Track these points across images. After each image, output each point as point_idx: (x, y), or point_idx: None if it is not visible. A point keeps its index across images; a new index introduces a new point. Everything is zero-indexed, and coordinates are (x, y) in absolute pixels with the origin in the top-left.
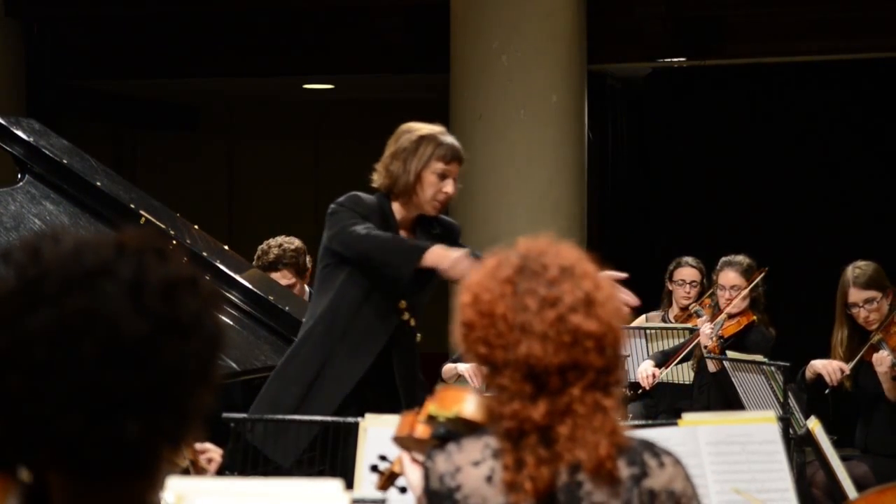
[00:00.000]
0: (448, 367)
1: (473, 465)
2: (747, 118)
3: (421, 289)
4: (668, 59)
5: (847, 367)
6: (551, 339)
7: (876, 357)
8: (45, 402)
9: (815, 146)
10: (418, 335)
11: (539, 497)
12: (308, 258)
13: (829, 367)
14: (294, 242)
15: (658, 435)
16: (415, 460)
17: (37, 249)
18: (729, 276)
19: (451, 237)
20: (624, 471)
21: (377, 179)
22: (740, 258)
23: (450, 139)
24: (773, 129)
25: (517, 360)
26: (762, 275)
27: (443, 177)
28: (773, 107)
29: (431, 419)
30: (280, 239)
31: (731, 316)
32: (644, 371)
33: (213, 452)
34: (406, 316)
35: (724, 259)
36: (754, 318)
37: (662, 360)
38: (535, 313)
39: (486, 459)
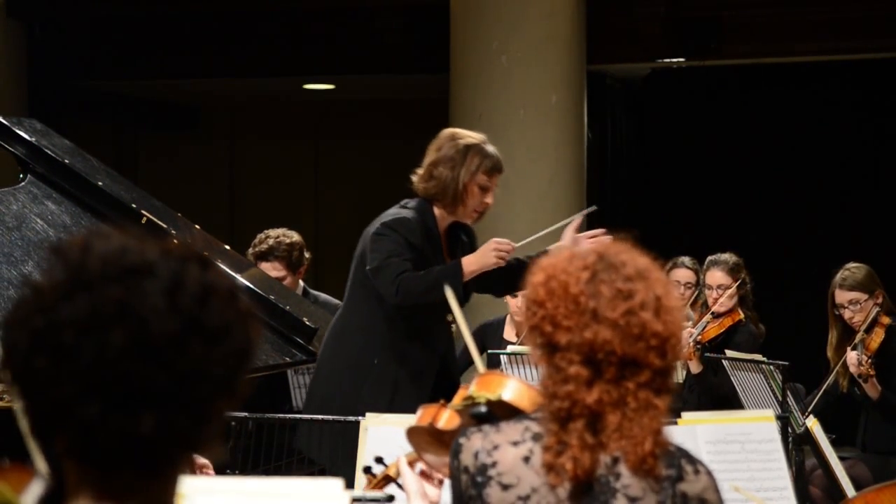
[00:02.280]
0: None
1: (512, 444)
2: (746, 119)
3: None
4: (668, 60)
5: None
6: (620, 328)
7: (848, 357)
8: (65, 385)
9: (813, 146)
10: None
11: (576, 481)
12: (306, 254)
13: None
14: (292, 237)
15: None
16: (413, 465)
17: (86, 245)
18: (716, 276)
19: (472, 243)
20: (663, 471)
21: (419, 185)
22: (726, 256)
23: (493, 150)
24: (772, 130)
25: (581, 343)
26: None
27: (485, 188)
28: (771, 107)
29: (469, 401)
30: (279, 231)
31: (717, 316)
32: None
33: (209, 469)
34: (454, 328)
35: (710, 258)
36: (741, 317)
37: None
38: (608, 301)
39: (526, 441)
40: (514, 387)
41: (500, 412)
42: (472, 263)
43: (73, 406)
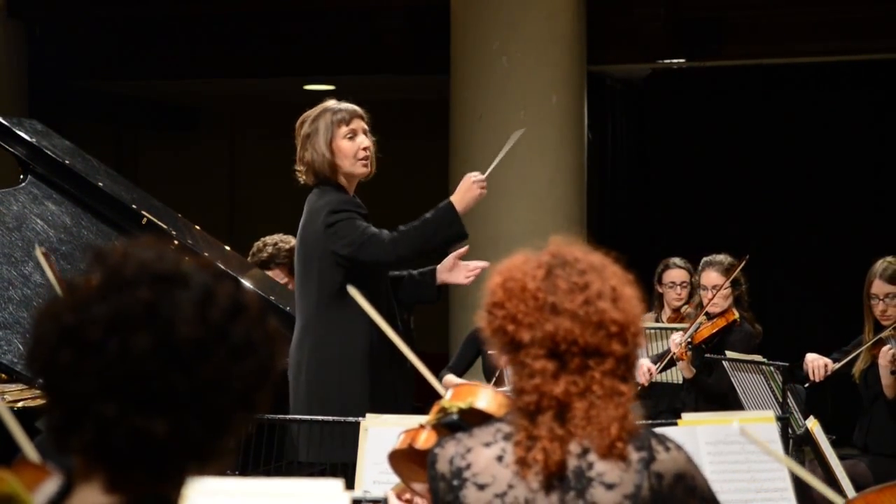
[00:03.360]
0: (449, 380)
1: (485, 445)
2: (746, 119)
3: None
4: (668, 61)
5: (833, 366)
6: (580, 318)
7: (881, 351)
8: (86, 381)
9: (813, 147)
10: None
11: (549, 474)
12: None
13: (815, 363)
14: (289, 242)
15: None
16: (401, 497)
17: (126, 252)
18: (710, 276)
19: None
20: (633, 454)
21: (305, 178)
22: (721, 257)
23: (338, 104)
24: (772, 130)
25: (544, 337)
26: (742, 264)
27: (352, 136)
28: (771, 108)
29: (442, 413)
30: (276, 237)
31: (711, 317)
32: (641, 366)
33: None
34: None
35: (704, 259)
36: (735, 317)
37: (656, 360)
38: (565, 293)
39: (498, 441)
40: (486, 394)
41: (474, 420)
42: (460, 202)
43: (91, 402)
